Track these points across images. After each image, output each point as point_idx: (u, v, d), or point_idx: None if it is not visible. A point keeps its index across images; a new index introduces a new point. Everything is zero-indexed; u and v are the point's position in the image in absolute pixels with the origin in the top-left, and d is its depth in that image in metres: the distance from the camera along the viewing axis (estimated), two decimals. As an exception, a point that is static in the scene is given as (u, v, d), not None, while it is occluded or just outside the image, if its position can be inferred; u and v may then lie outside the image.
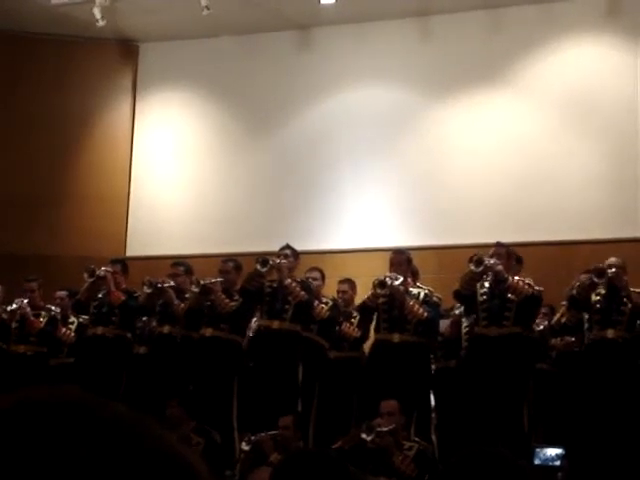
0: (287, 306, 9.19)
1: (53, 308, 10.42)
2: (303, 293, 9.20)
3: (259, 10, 13.17)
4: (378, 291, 8.87)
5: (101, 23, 13.09)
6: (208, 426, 8.58)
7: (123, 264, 10.32)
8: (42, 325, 10.23)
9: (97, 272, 9.79)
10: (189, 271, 10.02)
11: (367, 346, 9.72)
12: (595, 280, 8.57)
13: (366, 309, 9.21)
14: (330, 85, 13.44)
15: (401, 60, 13.15)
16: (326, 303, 9.68)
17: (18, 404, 0.83)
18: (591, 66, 12.44)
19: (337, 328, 9.74)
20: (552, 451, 8.28)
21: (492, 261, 8.57)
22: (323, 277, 10.04)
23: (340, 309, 9.81)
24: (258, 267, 9.14)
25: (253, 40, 13.80)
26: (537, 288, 8.67)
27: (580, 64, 12.48)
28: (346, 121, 13.25)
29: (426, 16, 13.04)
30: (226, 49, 13.93)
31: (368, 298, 9.09)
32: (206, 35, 13.81)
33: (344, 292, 10.05)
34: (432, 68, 13.03)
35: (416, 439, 7.84)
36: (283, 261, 9.27)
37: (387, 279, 8.80)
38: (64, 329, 10.35)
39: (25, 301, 10.14)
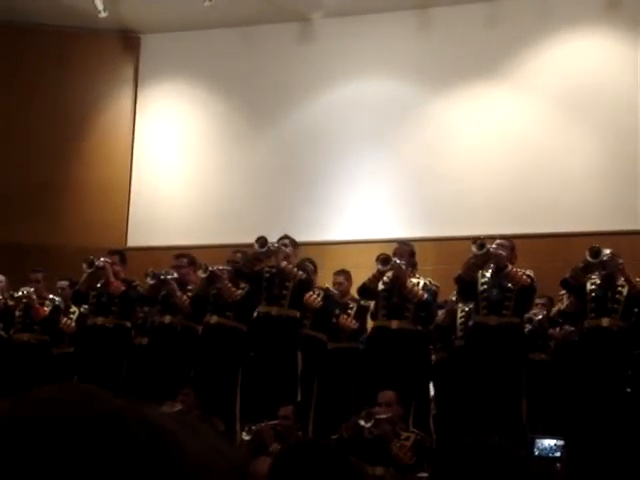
0: (285, 291, 9.22)
1: (57, 299, 10.49)
2: (301, 273, 9.25)
3: (260, 2, 13.20)
4: (380, 267, 8.92)
5: (103, 14, 13.14)
6: (211, 413, 8.63)
7: (121, 255, 10.33)
8: (47, 313, 10.31)
9: (96, 263, 9.82)
10: (192, 263, 10.05)
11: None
12: (589, 260, 8.60)
13: (365, 290, 9.23)
14: (331, 77, 13.48)
15: (401, 52, 13.18)
16: (318, 294, 9.73)
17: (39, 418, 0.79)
18: (590, 59, 12.46)
19: (334, 320, 9.79)
20: (551, 442, 8.33)
21: (494, 246, 8.63)
22: (315, 268, 10.08)
23: (334, 297, 9.86)
24: (256, 247, 9.21)
25: (254, 32, 13.82)
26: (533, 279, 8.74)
27: (579, 57, 12.51)
28: (346, 113, 13.29)
29: (426, 8, 13.07)
30: (227, 41, 13.96)
31: (369, 279, 9.13)
32: (208, 27, 13.84)
33: (340, 284, 10.07)
34: (432, 60, 13.06)
35: (414, 429, 7.88)
36: (284, 247, 9.33)
37: (391, 257, 8.89)
38: (65, 319, 10.41)
39: (32, 289, 10.23)
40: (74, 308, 10.55)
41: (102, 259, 9.88)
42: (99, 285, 9.90)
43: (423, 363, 9.19)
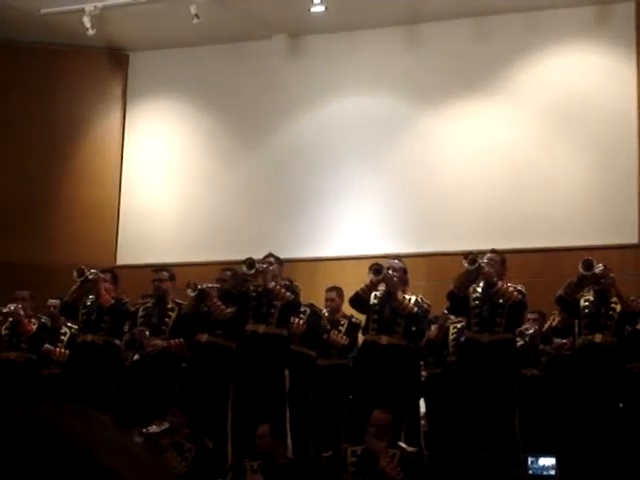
0: (272, 310, 9.17)
1: (43, 318, 10.43)
2: (289, 294, 9.20)
3: (249, 18, 13.20)
4: (373, 277, 8.90)
5: (91, 32, 13.10)
6: (201, 432, 8.58)
7: (113, 274, 10.27)
8: (34, 329, 10.25)
9: (86, 273, 9.71)
10: (172, 278, 9.95)
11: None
12: (583, 272, 8.59)
13: (358, 300, 9.16)
14: (319, 93, 13.47)
15: (390, 68, 13.19)
16: (304, 312, 9.66)
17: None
18: (580, 74, 12.48)
19: (325, 336, 9.75)
20: (546, 461, 8.31)
21: (485, 261, 8.61)
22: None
23: (319, 314, 9.81)
24: (245, 269, 9.16)
25: (242, 48, 13.82)
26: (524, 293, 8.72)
27: (568, 71, 12.53)
28: (335, 129, 13.28)
29: (414, 24, 13.09)
30: (216, 57, 13.96)
31: (361, 289, 9.09)
32: (196, 43, 13.84)
33: (332, 300, 10.04)
34: (421, 76, 13.07)
35: (401, 444, 7.79)
36: (271, 267, 9.28)
37: (384, 267, 8.87)
38: (57, 349, 10.31)
39: (19, 306, 10.17)
40: (65, 329, 10.47)
41: (93, 271, 9.76)
42: (89, 303, 9.80)
43: (413, 379, 9.15)
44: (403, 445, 7.78)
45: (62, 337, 10.44)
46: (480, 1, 12.56)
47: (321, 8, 12.87)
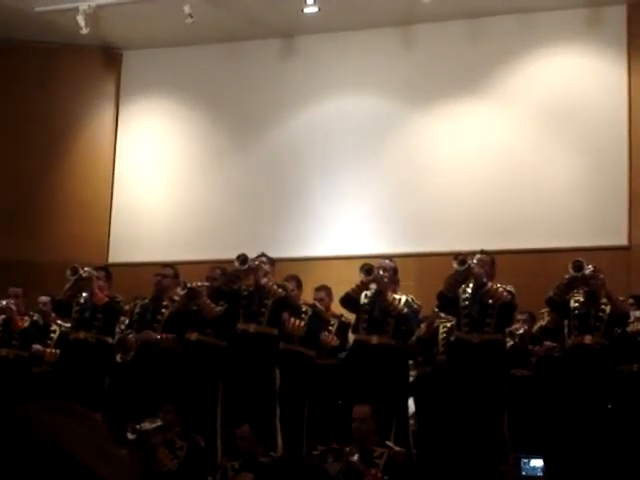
0: (264, 309, 9.19)
1: (35, 315, 10.45)
2: (281, 290, 9.22)
3: (243, 18, 13.22)
4: (363, 277, 8.94)
5: (85, 30, 13.10)
6: (193, 430, 8.59)
7: (107, 271, 10.28)
8: (25, 325, 10.27)
9: (80, 272, 9.72)
10: (177, 276, 9.97)
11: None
12: (573, 273, 8.64)
13: (348, 300, 9.20)
14: (313, 93, 13.50)
15: (384, 69, 13.22)
16: (305, 312, 9.69)
17: None
18: (573, 75, 12.52)
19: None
20: (538, 462, 8.36)
21: (475, 261, 8.65)
22: (300, 285, 9.97)
23: (321, 314, 9.82)
24: (237, 264, 9.17)
25: (237, 48, 13.84)
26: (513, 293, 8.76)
27: (562, 73, 12.57)
28: (329, 129, 13.31)
29: (409, 25, 13.12)
30: (209, 57, 13.98)
31: (352, 289, 9.12)
32: (190, 43, 13.85)
33: (321, 299, 10.03)
34: (414, 77, 13.10)
35: (388, 444, 7.79)
36: (263, 265, 9.30)
37: (374, 267, 8.91)
38: (48, 350, 10.33)
39: (12, 301, 10.18)
40: (55, 326, 10.48)
41: (87, 269, 9.78)
42: (83, 301, 9.81)
43: (402, 379, 9.18)
44: (391, 445, 7.77)
45: (52, 335, 10.44)
46: (473, 3, 12.60)
47: (314, 9, 12.91)
